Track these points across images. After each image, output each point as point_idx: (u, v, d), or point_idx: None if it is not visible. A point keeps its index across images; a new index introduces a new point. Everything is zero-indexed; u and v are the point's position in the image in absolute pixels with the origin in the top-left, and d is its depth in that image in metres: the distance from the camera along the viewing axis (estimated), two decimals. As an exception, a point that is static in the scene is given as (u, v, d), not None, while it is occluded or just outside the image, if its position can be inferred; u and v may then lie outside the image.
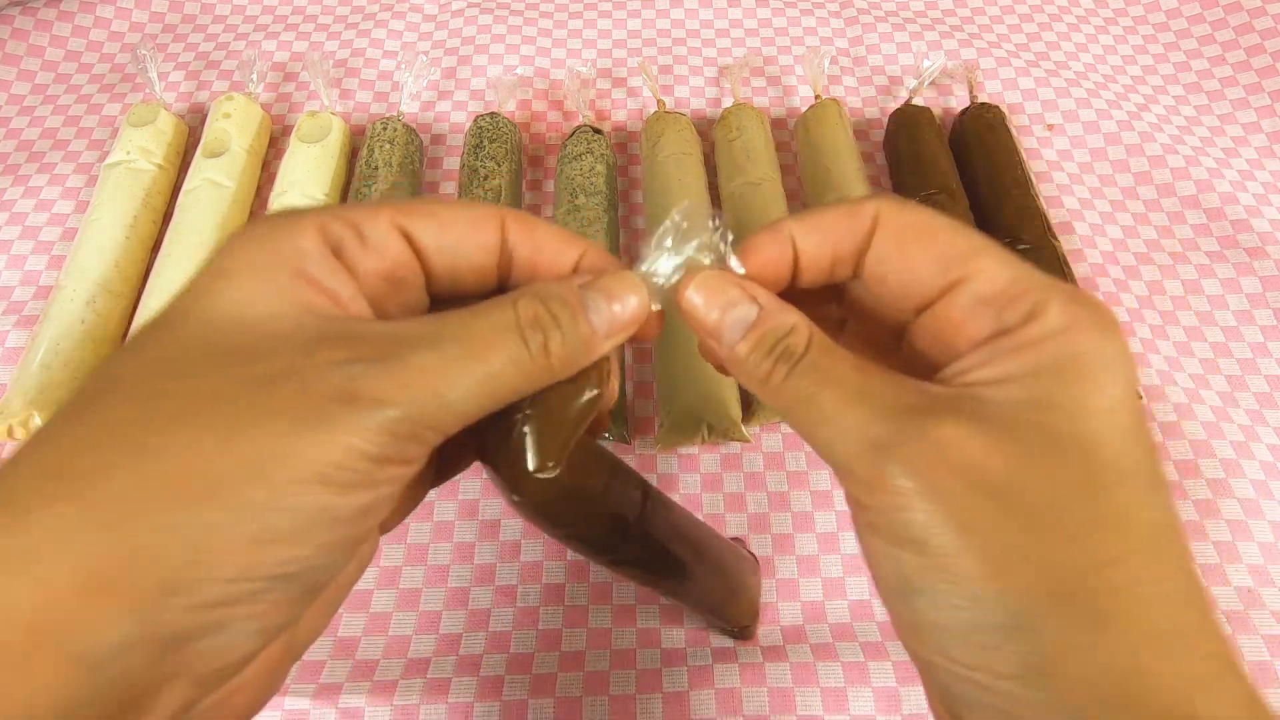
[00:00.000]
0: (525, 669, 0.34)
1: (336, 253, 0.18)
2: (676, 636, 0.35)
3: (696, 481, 0.40)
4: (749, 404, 0.41)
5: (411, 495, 0.21)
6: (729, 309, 0.19)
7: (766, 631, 0.36)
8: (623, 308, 0.19)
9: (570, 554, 0.38)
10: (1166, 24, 0.60)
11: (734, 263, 0.20)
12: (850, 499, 0.18)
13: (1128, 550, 0.16)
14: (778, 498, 0.39)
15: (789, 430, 0.41)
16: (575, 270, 0.20)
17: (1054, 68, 0.57)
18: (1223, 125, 0.55)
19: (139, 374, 0.16)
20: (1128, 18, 0.61)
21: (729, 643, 0.35)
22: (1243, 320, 0.46)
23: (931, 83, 0.54)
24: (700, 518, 0.39)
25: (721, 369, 0.23)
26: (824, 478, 0.40)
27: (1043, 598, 0.16)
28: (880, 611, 0.36)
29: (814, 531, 0.38)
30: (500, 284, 0.21)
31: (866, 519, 0.18)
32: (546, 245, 0.20)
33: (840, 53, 0.58)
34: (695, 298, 0.19)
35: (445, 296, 0.20)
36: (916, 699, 0.33)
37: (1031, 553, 0.16)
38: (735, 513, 0.39)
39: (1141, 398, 0.42)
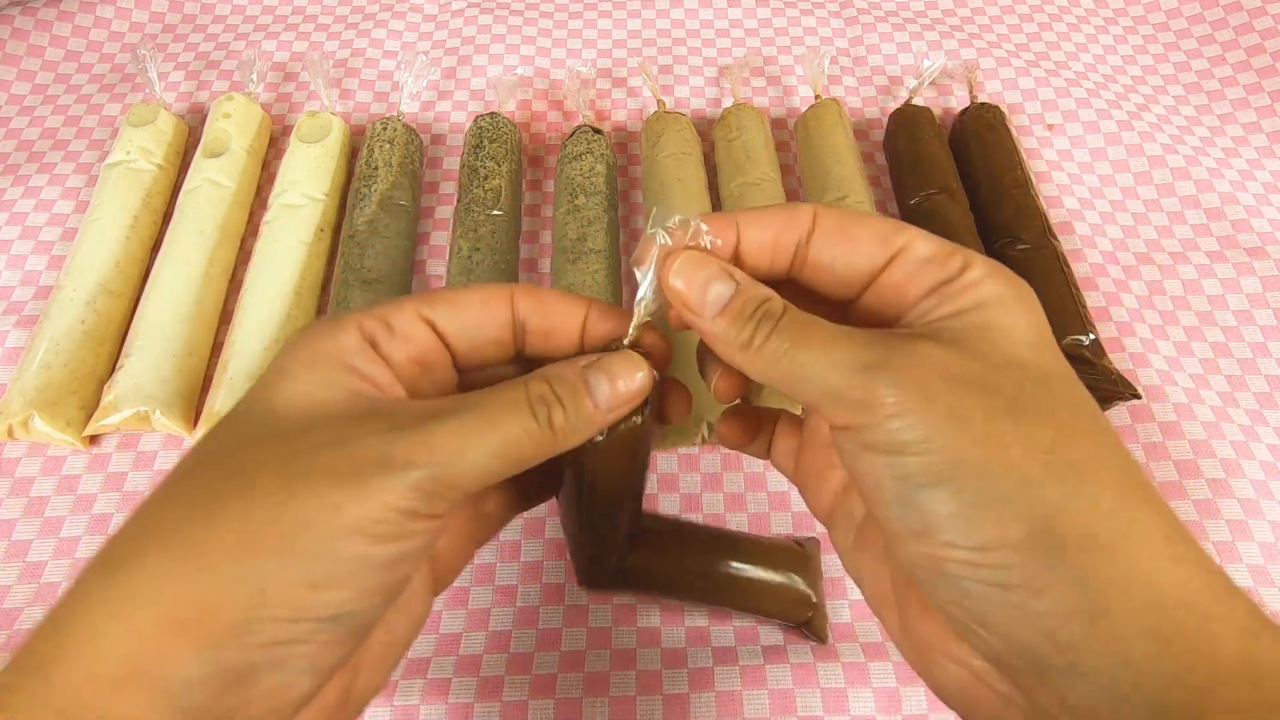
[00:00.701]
0: (525, 669, 0.34)
1: (373, 345, 0.21)
2: (677, 636, 0.35)
3: (696, 481, 0.40)
4: (749, 404, 0.41)
5: (461, 557, 0.25)
6: (709, 284, 0.21)
7: (766, 632, 0.36)
8: (625, 384, 0.22)
9: (571, 555, 0.38)
10: (1166, 24, 0.60)
11: (706, 240, 0.21)
12: (839, 431, 0.20)
13: (1083, 427, 0.19)
14: (777, 498, 0.39)
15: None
16: (583, 328, 0.23)
17: (1054, 68, 0.57)
18: (1223, 125, 0.55)
19: (218, 451, 0.20)
20: (1128, 18, 0.61)
21: (730, 642, 0.35)
22: (1243, 320, 0.46)
23: (931, 83, 0.54)
24: (701, 518, 0.39)
25: (704, 365, 0.25)
26: (824, 478, 0.40)
27: (1037, 464, 0.18)
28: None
29: (813, 532, 0.38)
30: (518, 352, 0.24)
31: (862, 440, 0.19)
32: (554, 310, 0.23)
33: (840, 53, 0.58)
34: (677, 279, 0.21)
35: (470, 370, 0.23)
36: (916, 699, 0.33)
37: (1017, 430, 0.18)
38: (735, 513, 0.39)
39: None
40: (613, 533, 0.26)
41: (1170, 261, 0.48)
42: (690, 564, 0.32)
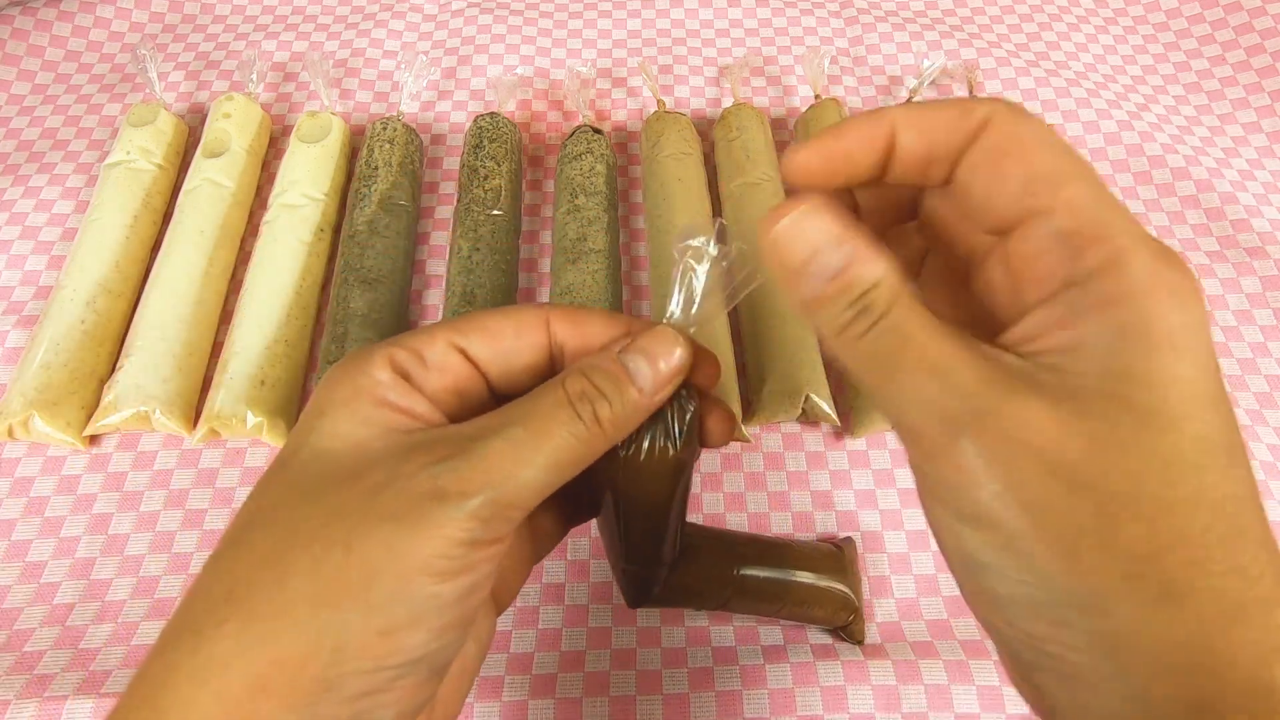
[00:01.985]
0: (525, 669, 0.34)
1: (406, 378, 0.21)
2: (677, 636, 0.35)
3: (697, 481, 0.40)
4: (749, 404, 0.41)
5: (517, 578, 0.25)
6: (817, 250, 0.17)
7: (766, 632, 0.36)
8: (665, 363, 0.21)
9: (570, 554, 0.38)
10: (1166, 24, 0.60)
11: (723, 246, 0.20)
12: (915, 466, 0.18)
13: (1203, 528, 0.15)
14: (778, 498, 0.39)
15: (789, 430, 0.41)
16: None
17: (1054, 68, 0.57)
18: (1223, 125, 0.55)
19: (275, 505, 0.20)
20: (1128, 18, 0.61)
21: (730, 642, 0.35)
22: (1243, 320, 0.46)
23: (931, 83, 0.54)
24: (700, 518, 0.39)
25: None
26: (823, 478, 0.40)
27: (1115, 580, 0.15)
28: (880, 613, 0.36)
29: (814, 532, 0.38)
30: (554, 372, 0.22)
31: (931, 490, 0.18)
32: (593, 333, 0.22)
33: (840, 53, 0.58)
34: (783, 239, 0.18)
35: (506, 393, 0.22)
36: (915, 697, 0.33)
37: (1104, 536, 0.15)
38: (735, 512, 0.39)
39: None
40: (656, 555, 0.26)
41: (1170, 261, 0.48)
42: (738, 577, 0.31)
